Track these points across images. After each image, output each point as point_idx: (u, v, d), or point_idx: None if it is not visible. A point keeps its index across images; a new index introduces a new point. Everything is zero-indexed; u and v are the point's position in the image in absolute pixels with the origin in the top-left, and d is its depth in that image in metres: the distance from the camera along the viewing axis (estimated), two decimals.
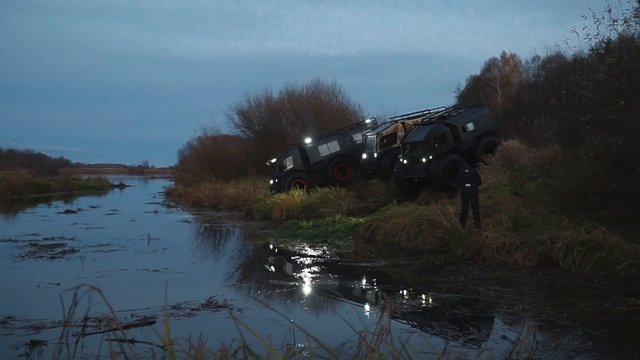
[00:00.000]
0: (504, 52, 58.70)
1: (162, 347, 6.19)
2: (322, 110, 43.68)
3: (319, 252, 16.15)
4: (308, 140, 32.06)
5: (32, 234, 19.96)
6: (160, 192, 54.70)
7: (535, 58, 53.86)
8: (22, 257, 15.14)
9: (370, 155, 27.18)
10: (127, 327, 8.27)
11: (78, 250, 16.32)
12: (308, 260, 15.02)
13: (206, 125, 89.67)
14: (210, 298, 10.10)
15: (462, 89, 62.45)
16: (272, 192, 31.34)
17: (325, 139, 32.00)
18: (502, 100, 53.07)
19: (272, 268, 14.74)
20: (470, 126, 24.07)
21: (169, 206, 37.79)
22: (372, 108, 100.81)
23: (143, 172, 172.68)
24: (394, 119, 31.29)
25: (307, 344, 2.18)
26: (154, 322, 8.59)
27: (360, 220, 20.13)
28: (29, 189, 48.94)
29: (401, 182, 24.37)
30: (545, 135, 21.76)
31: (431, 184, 23.11)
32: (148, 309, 9.26)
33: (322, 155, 31.07)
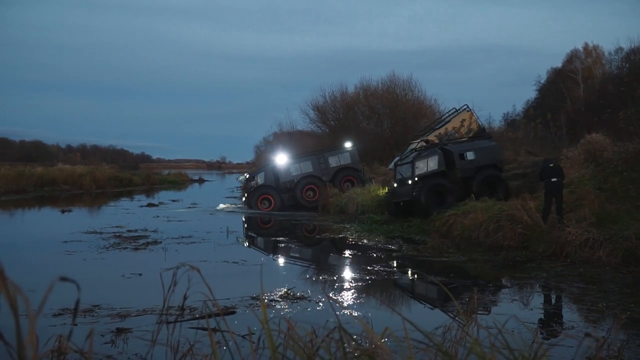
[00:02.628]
0: (586, 44, 56.59)
1: (243, 337, 6.37)
2: (397, 104, 43.40)
3: (395, 247, 16.14)
4: (282, 158, 31.39)
5: (116, 227, 20.77)
6: (237, 187, 55.81)
7: (619, 50, 51.63)
8: (107, 248, 15.77)
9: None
10: (208, 316, 8.50)
11: (160, 242, 16.91)
12: (384, 255, 15.04)
13: (282, 120, 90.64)
14: (288, 289, 10.29)
15: (542, 81, 60.62)
16: (243, 204, 31.43)
17: (300, 159, 31.46)
18: (585, 93, 51.21)
19: (348, 262, 14.84)
20: (469, 155, 22.39)
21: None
22: (449, 102, 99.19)
23: (221, 167, 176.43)
24: (418, 135, 29.76)
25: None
26: (234, 312, 8.84)
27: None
28: (112, 183, 50.93)
29: (390, 207, 23.29)
30: (631, 128, 20.89)
31: (413, 208, 21.67)
32: (228, 299, 9.52)
33: (293, 174, 30.47)
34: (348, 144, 32.06)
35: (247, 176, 32.66)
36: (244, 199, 32.08)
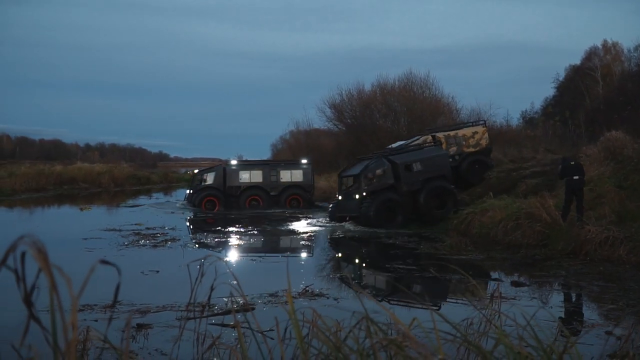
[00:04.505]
0: (605, 41, 56.00)
1: (261, 333, 6.41)
2: (414, 102, 43.26)
3: (413, 245, 16.12)
4: (233, 163, 30.40)
5: (135, 224, 20.94)
6: None
7: (638, 46, 51.08)
8: (127, 245, 15.89)
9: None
10: (227, 312, 8.55)
11: (179, 239, 17.03)
12: (402, 252, 15.03)
13: (298, 119, 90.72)
14: (307, 287, 10.32)
15: (560, 79, 60.10)
16: (184, 201, 30.65)
17: (251, 166, 30.45)
18: (604, 91, 50.73)
19: (366, 259, 14.86)
20: (416, 166, 20.53)
21: None
22: (466, 100, 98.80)
23: None
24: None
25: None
26: (253, 309, 8.89)
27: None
28: (130, 181, 51.40)
29: (334, 220, 21.81)
30: None
31: (363, 224, 20.22)
32: (247, 295, 9.58)
33: (240, 181, 29.54)
34: (304, 161, 31.15)
35: (197, 172, 31.39)
36: (186, 194, 31.01)
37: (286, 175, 29.92)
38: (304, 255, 15.78)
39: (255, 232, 19.78)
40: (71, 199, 36.92)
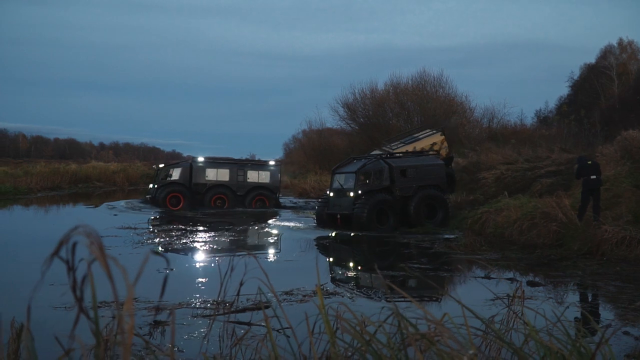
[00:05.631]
0: (620, 39, 55.61)
1: (277, 331, 6.43)
2: (427, 101, 43.21)
3: (427, 244, 16.10)
4: (200, 159, 29.56)
5: (150, 222, 21.06)
6: None
7: None
8: (142, 243, 16.00)
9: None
10: (242, 310, 8.60)
11: (194, 238, 17.11)
12: (416, 251, 15.01)
13: (311, 118, 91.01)
14: (321, 286, 10.35)
15: (575, 78, 59.73)
16: (147, 196, 29.88)
17: (219, 164, 29.76)
18: (619, 89, 50.38)
19: (381, 258, 14.84)
20: (412, 172, 20.44)
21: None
22: (480, 99, 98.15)
23: None
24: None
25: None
26: (268, 307, 8.91)
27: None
28: (144, 180, 51.70)
29: (322, 219, 21.13)
30: None
31: (352, 224, 19.72)
32: (262, 294, 9.61)
33: (206, 178, 28.91)
34: (272, 162, 30.69)
35: (162, 166, 30.50)
36: (150, 187, 30.21)
37: (253, 176, 29.51)
38: (314, 254, 15.80)
39: (260, 230, 19.83)
40: (86, 197, 37.20)
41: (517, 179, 23.77)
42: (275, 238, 18.08)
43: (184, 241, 16.35)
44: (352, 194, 20.02)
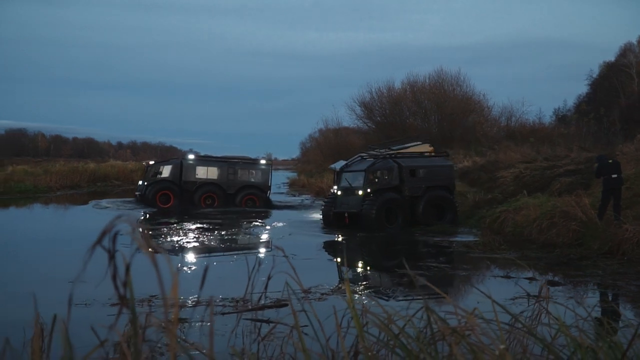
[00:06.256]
0: None
1: (291, 329, 6.44)
2: (444, 100, 43.04)
3: (445, 243, 16.05)
4: (190, 157, 29.34)
5: (168, 220, 21.19)
6: (284, 183, 56.20)
7: None
8: (160, 241, 16.09)
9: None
10: (261, 308, 8.62)
11: (212, 235, 17.21)
12: (434, 250, 14.97)
13: (328, 117, 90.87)
14: (339, 283, 10.36)
15: (594, 76, 59.12)
16: (137, 193, 29.39)
17: (209, 162, 29.51)
18: (639, 87, 49.80)
19: (396, 257, 14.83)
20: (420, 172, 20.31)
21: (293, 196, 38.88)
22: (498, 97, 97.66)
23: None
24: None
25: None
26: (286, 305, 8.94)
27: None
28: None
29: (328, 218, 20.76)
30: None
31: (360, 222, 19.51)
32: (279, 292, 9.63)
33: (196, 176, 28.46)
34: (262, 161, 30.38)
35: (152, 163, 30.18)
36: (140, 183, 29.68)
37: (244, 175, 29.18)
38: (331, 252, 15.82)
39: (270, 229, 19.87)
40: (105, 195, 37.50)
41: (536, 177, 23.59)
42: (284, 236, 18.09)
43: (187, 240, 16.45)
44: (360, 192, 19.82)
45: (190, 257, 13.61)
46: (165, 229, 18.92)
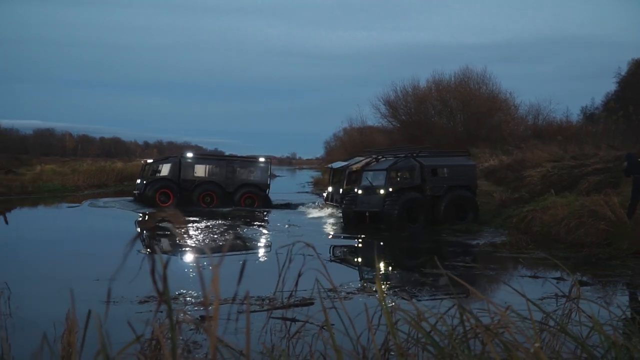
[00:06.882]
0: None
1: (322, 327, 6.46)
2: (470, 98, 42.66)
3: (472, 242, 15.95)
4: (189, 155, 29.07)
5: (194, 218, 21.34)
6: (308, 182, 56.34)
7: None
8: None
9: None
10: (289, 306, 8.64)
11: (239, 232, 17.32)
12: (460, 249, 14.89)
13: (352, 116, 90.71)
14: (365, 283, 10.35)
15: (623, 73, 58.19)
16: (135, 192, 29.03)
17: (207, 160, 29.28)
18: None
19: (421, 256, 14.77)
20: (443, 172, 20.22)
21: (318, 195, 38.88)
22: (525, 96, 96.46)
23: (291, 163, 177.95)
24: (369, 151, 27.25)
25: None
26: (312, 304, 8.96)
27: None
28: None
29: (349, 217, 20.74)
30: None
31: (383, 222, 19.40)
32: (305, 290, 9.66)
33: (195, 175, 28.11)
34: (261, 159, 30.05)
35: (150, 161, 29.95)
36: (138, 182, 29.21)
37: (243, 172, 28.95)
38: (355, 252, 15.81)
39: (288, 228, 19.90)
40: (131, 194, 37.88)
41: (564, 176, 23.29)
42: (303, 235, 18.11)
43: (207, 239, 16.56)
44: (382, 191, 19.70)
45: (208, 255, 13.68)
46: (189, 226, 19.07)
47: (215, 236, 16.79)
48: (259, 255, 13.93)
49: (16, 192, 33.51)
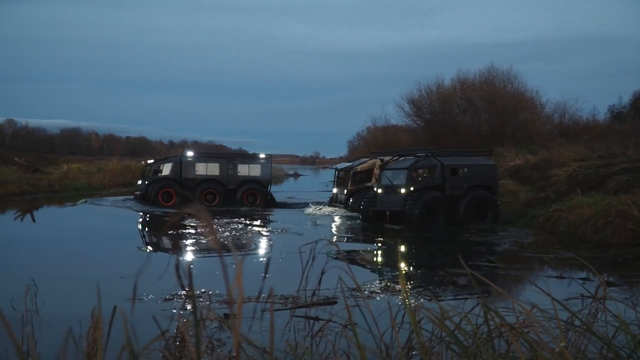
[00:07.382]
0: None
1: (345, 326, 6.45)
2: (495, 97, 42.25)
3: (497, 242, 15.83)
4: (189, 154, 29.12)
5: (216, 217, 21.48)
6: (331, 181, 56.28)
7: None
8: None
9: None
10: (312, 305, 8.63)
11: (261, 232, 17.39)
12: (484, 249, 14.78)
13: (375, 115, 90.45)
14: (387, 282, 10.33)
15: None
16: (137, 193, 28.88)
17: (208, 158, 29.14)
18: None
19: (446, 256, 14.69)
20: (463, 172, 19.99)
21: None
22: (551, 94, 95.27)
23: (314, 162, 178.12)
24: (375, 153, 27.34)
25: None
26: (335, 303, 8.96)
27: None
28: None
29: (368, 216, 20.60)
30: None
31: (404, 222, 19.22)
32: (328, 289, 9.65)
33: (196, 173, 28.17)
34: (262, 155, 29.84)
35: (151, 162, 29.91)
36: (140, 183, 29.20)
37: (244, 169, 28.75)
38: (376, 252, 15.76)
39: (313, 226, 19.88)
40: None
41: (590, 176, 22.99)
42: (326, 235, 18.11)
43: (233, 238, 16.64)
44: (403, 190, 19.58)
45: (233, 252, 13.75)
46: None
47: (237, 233, 16.88)
48: (278, 255, 13.97)
49: (43, 190, 34.04)
